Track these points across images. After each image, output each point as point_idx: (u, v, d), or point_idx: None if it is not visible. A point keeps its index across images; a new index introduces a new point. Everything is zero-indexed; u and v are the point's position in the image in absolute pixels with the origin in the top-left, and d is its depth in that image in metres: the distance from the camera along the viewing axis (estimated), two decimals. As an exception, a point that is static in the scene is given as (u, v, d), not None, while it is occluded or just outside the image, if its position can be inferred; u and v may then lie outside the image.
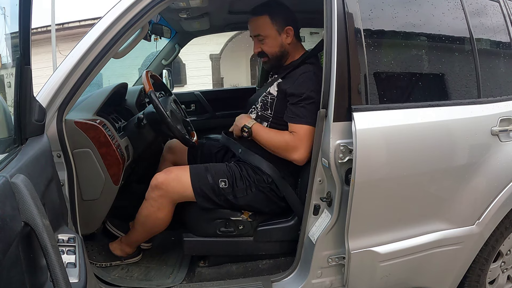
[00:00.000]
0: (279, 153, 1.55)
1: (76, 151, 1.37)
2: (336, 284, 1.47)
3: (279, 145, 1.54)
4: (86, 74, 1.28)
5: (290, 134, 1.52)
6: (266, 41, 1.63)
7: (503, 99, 1.53)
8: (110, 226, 1.78)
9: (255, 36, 1.64)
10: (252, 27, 1.65)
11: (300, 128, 1.49)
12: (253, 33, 1.65)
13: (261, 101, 1.67)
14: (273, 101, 1.62)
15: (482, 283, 1.66)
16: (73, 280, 0.82)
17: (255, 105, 1.71)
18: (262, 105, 1.65)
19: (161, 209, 1.53)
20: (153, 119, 1.69)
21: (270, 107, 1.62)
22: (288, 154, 1.52)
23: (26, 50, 0.90)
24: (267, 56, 1.65)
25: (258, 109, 1.67)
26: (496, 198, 1.50)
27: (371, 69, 1.33)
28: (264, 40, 1.63)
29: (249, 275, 1.57)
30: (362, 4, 1.32)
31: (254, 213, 1.57)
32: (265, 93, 1.66)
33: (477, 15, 1.53)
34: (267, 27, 1.61)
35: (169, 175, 1.53)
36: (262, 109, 1.65)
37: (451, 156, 1.41)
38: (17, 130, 0.95)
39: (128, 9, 1.28)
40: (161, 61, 2.68)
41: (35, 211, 0.71)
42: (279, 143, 1.54)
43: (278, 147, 1.54)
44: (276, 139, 1.55)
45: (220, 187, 1.52)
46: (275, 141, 1.55)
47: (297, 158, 1.51)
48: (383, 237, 1.39)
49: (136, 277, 1.61)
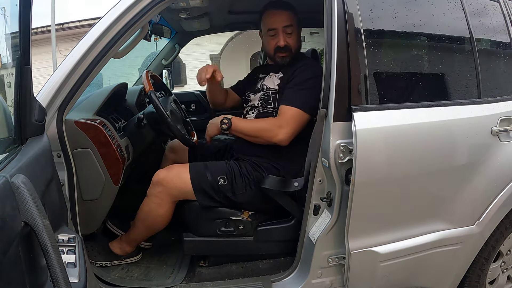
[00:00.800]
0: (262, 137, 1.55)
1: (76, 151, 1.37)
2: (336, 284, 1.47)
3: (262, 127, 1.55)
4: (86, 74, 1.28)
5: (274, 117, 1.57)
6: (293, 35, 1.66)
7: (503, 99, 1.53)
8: (110, 225, 1.78)
9: (286, 27, 1.63)
10: (282, 18, 1.64)
11: (287, 110, 1.53)
12: (284, 24, 1.63)
13: (261, 99, 1.68)
14: (275, 95, 1.65)
15: (482, 283, 1.66)
16: (73, 280, 0.82)
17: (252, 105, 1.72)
18: (263, 101, 1.67)
19: (162, 205, 1.54)
20: (153, 119, 1.69)
21: (273, 101, 1.65)
22: (272, 134, 1.52)
23: (26, 50, 0.90)
24: (290, 50, 1.66)
25: (260, 107, 1.68)
26: (496, 198, 1.50)
27: (371, 69, 1.33)
28: (292, 34, 1.65)
29: (249, 275, 1.57)
30: (362, 4, 1.32)
31: (254, 213, 1.57)
32: (263, 91, 1.69)
33: (477, 15, 1.53)
34: (295, 22, 1.66)
35: (170, 171, 1.55)
36: (263, 105, 1.67)
37: (451, 156, 1.41)
38: (17, 130, 0.95)
39: (128, 9, 1.28)
40: (161, 61, 2.69)
41: (35, 211, 0.71)
42: (262, 125, 1.56)
43: (261, 129, 1.55)
44: (258, 122, 1.59)
45: (219, 184, 1.52)
46: (258, 125, 1.57)
47: (281, 137, 1.51)
48: (383, 237, 1.39)
49: (136, 277, 1.61)
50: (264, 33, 1.71)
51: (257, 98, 1.71)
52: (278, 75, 1.69)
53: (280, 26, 1.63)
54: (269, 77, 1.72)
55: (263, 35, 1.72)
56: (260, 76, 1.79)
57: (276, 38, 1.65)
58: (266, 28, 1.68)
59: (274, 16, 1.65)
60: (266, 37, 1.70)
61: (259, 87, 1.74)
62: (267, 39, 1.69)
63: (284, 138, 1.52)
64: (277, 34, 1.64)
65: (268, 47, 1.70)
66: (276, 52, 1.67)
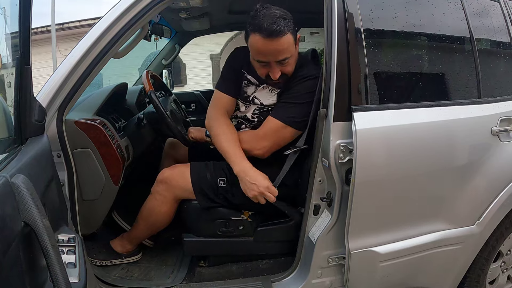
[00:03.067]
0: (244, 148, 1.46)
1: (76, 151, 1.37)
2: (336, 284, 1.47)
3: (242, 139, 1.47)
4: (86, 74, 1.28)
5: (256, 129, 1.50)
6: (289, 62, 1.39)
7: (503, 99, 1.53)
8: (116, 216, 1.79)
9: (281, 61, 1.36)
10: (275, 50, 1.33)
11: (271, 122, 1.45)
12: (279, 57, 1.34)
13: (255, 112, 1.56)
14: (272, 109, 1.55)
15: (482, 283, 1.66)
16: (73, 280, 0.82)
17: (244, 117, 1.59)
18: (260, 116, 1.56)
19: (165, 203, 1.55)
20: (153, 119, 1.69)
21: None
22: (250, 146, 1.46)
23: (26, 50, 0.90)
24: (285, 77, 1.42)
25: (255, 122, 1.56)
26: (496, 198, 1.50)
27: (371, 69, 1.33)
28: (288, 61, 1.38)
29: (249, 275, 1.57)
30: (362, 4, 1.32)
31: (254, 213, 1.57)
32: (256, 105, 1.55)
33: (477, 15, 1.53)
34: (291, 46, 1.36)
35: (174, 170, 1.56)
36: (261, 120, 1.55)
37: (451, 156, 1.41)
38: (17, 130, 0.95)
39: (128, 9, 1.28)
40: (161, 61, 2.69)
41: (35, 211, 0.71)
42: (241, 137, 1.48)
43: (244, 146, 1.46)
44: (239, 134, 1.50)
45: (219, 186, 1.52)
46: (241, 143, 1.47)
47: (257, 152, 1.46)
48: (383, 237, 1.38)
49: (136, 277, 1.61)
50: (251, 54, 1.41)
51: (250, 110, 1.57)
52: (275, 92, 1.51)
53: (273, 60, 1.36)
54: (262, 89, 1.53)
55: (251, 56, 1.42)
56: (251, 81, 1.56)
57: (267, 68, 1.39)
58: (254, 55, 1.39)
59: (264, 48, 1.33)
60: (254, 61, 1.42)
61: (251, 99, 1.56)
62: (256, 64, 1.42)
63: (261, 153, 1.47)
64: (270, 66, 1.38)
65: (258, 71, 1.44)
66: (268, 79, 1.44)
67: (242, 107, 1.60)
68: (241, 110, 1.61)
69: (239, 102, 1.61)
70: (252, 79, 1.56)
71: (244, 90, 1.59)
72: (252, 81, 1.56)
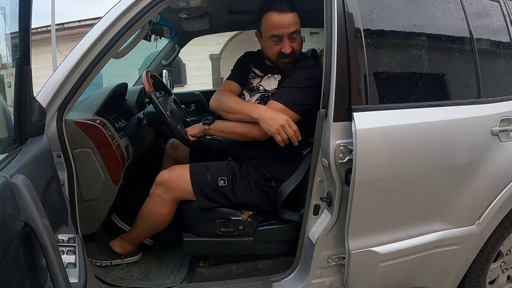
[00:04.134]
0: (238, 132, 1.55)
1: (76, 151, 1.37)
2: (336, 284, 1.47)
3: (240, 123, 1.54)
4: (86, 74, 1.28)
5: None
6: (298, 39, 1.56)
7: (503, 99, 1.53)
8: (115, 218, 1.78)
9: (292, 33, 1.52)
10: (287, 23, 1.49)
11: (270, 103, 1.51)
12: (290, 30, 1.50)
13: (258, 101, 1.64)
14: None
15: (482, 283, 1.66)
16: (73, 280, 0.82)
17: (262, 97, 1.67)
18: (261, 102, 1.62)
19: (164, 205, 1.55)
20: (153, 119, 1.69)
21: None
22: (247, 129, 1.52)
23: (26, 50, 0.90)
24: (294, 55, 1.56)
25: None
26: (496, 198, 1.50)
27: (371, 69, 1.33)
28: (297, 38, 1.55)
29: (249, 275, 1.57)
30: (362, 4, 1.32)
31: (254, 213, 1.57)
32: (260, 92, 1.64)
33: (477, 15, 1.53)
34: (299, 25, 1.54)
35: (173, 172, 1.56)
36: None
37: (451, 156, 1.41)
38: (17, 130, 0.95)
39: (128, 9, 1.28)
40: (161, 61, 2.68)
41: (35, 211, 0.71)
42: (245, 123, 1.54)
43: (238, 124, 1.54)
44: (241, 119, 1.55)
45: (220, 186, 1.53)
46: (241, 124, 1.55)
47: (255, 133, 1.51)
48: (383, 237, 1.38)
49: (136, 277, 1.61)
50: (265, 37, 1.57)
51: (253, 99, 1.65)
52: (277, 77, 1.63)
53: (285, 32, 1.51)
54: (267, 79, 1.66)
55: (264, 38, 1.58)
56: (257, 74, 1.70)
57: (280, 44, 1.53)
58: (268, 33, 1.54)
59: (278, 21, 1.50)
60: (267, 42, 1.56)
61: (255, 87, 1.67)
62: (269, 44, 1.56)
63: (259, 134, 1.51)
64: (282, 41, 1.53)
65: (270, 51, 1.58)
66: (279, 58, 1.56)
67: (247, 96, 1.69)
68: (245, 99, 1.67)
69: (244, 92, 1.70)
70: (258, 72, 1.70)
71: (250, 81, 1.71)
72: (258, 73, 1.70)
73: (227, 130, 1.60)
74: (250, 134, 1.54)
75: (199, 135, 1.68)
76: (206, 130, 1.63)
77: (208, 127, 1.62)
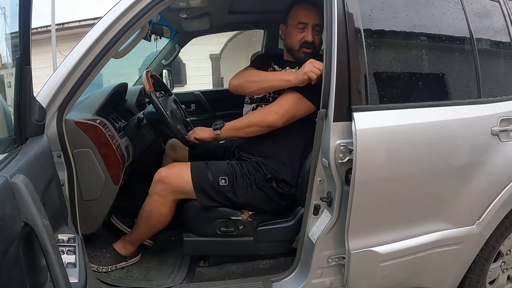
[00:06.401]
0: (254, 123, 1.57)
1: (76, 151, 1.37)
2: (336, 284, 1.47)
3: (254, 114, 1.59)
4: (86, 74, 1.28)
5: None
6: (319, 36, 1.63)
7: (503, 99, 1.53)
8: (115, 220, 1.78)
9: (316, 25, 1.61)
10: (314, 15, 1.60)
11: (287, 92, 1.54)
12: (315, 21, 1.60)
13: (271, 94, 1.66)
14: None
15: (482, 283, 1.66)
16: (73, 280, 0.82)
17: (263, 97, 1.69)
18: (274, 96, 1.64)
19: (164, 203, 1.55)
20: (153, 119, 1.69)
21: None
22: (262, 117, 1.55)
23: (26, 50, 0.90)
24: (315, 47, 1.63)
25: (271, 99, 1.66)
26: (496, 198, 1.50)
27: (371, 69, 1.33)
28: (319, 34, 1.63)
29: (249, 275, 1.57)
30: (362, 4, 1.32)
31: (254, 213, 1.57)
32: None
33: (477, 15, 1.53)
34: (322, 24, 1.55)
35: (172, 170, 1.55)
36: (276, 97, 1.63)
37: (451, 156, 1.41)
38: (17, 130, 0.95)
39: (128, 9, 1.28)
40: (161, 61, 2.68)
41: (35, 211, 0.71)
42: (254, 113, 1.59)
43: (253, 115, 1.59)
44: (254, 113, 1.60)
45: (220, 185, 1.52)
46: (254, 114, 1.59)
47: (272, 117, 1.53)
48: (383, 237, 1.38)
49: (136, 277, 1.61)
50: (291, 26, 1.65)
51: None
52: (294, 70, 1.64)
53: (311, 22, 1.60)
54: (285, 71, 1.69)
55: (289, 28, 1.66)
56: (275, 68, 1.74)
57: (304, 32, 1.61)
58: (295, 20, 1.62)
59: (307, 11, 1.61)
60: (292, 30, 1.64)
61: None
62: (294, 32, 1.63)
63: (276, 118, 1.52)
64: (306, 29, 1.61)
65: (293, 40, 1.64)
66: (301, 46, 1.62)
67: None
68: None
69: None
70: (277, 68, 1.74)
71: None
72: (276, 68, 1.74)
73: (241, 125, 1.60)
74: (267, 120, 1.54)
75: (208, 141, 1.68)
76: (218, 135, 1.63)
77: (219, 131, 1.62)
